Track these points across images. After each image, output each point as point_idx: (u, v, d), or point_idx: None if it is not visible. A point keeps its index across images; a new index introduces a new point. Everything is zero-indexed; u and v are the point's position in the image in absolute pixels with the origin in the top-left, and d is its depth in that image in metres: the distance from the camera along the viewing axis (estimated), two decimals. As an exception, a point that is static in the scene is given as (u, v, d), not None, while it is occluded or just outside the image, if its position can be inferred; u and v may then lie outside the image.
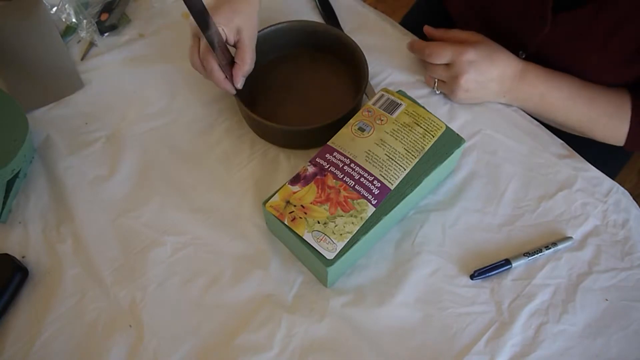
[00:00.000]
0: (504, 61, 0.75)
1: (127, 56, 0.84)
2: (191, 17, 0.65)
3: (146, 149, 0.76)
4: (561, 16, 0.73)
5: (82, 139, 0.77)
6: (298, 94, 0.79)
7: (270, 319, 0.65)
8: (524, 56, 0.80)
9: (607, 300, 0.67)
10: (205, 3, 0.64)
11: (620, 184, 0.74)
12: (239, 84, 0.71)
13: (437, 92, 0.79)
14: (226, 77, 0.71)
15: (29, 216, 0.71)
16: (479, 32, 0.78)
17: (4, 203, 0.70)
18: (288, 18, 0.80)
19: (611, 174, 0.76)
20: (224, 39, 0.69)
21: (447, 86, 0.78)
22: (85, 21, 0.83)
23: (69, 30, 0.85)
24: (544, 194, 0.73)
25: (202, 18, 0.64)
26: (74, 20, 0.84)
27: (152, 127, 0.78)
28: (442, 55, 0.75)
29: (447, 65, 0.76)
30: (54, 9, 0.84)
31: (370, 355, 0.64)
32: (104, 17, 0.85)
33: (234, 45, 0.71)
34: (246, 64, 0.71)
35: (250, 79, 0.79)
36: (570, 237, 0.69)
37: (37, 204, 0.72)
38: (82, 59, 0.83)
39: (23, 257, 0.69)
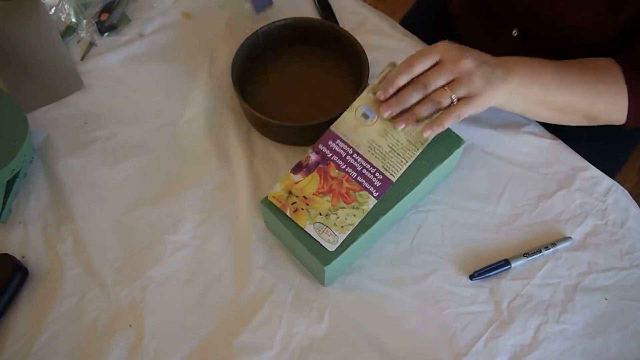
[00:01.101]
0: (481, 52, 0.68)
1: (127, 56, 0.84)
2: None
3: (146, 148, 0.76)
4: None
5: (82, 139, 0.77)
6: (299, 91, 0.79)
7: (270, 319, 0.66)
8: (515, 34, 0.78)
9: (606, 299, 0.67)
10: None
11: (620, 184, 0.74)
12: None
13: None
14: None
15: (29, 216, 0.71)
16: (474, 23, 0.75)
17: (4, 203, 0.71)
18: (289, 15, 0.80)
19: (611, 173, 0.76)
20: None
21: (466, 103, 0.65)
22: (85, 21, 0.83)
23: (69, 30, 0.85)
24: (543, 193, 0.73)
25: None
26: (73, 20, 0.84)
27: (152, 127, 0.78)
28: (425, 55, 0.65)
29: (437, 63, 0.66)
30: (53, 9, 0.84)
31: (370, 355, 0.64)
32: (103, 17, 0.85)
33: None
34: None
35: (250, 76, 0.79)
36: (570, 237, 0.70)
37: (37, 204, 0.72)
38: (82, 59, 0.83)
39: (23, 257, 0.69)
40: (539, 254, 0.68)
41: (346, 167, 0.65)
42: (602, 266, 0.69)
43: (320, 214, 0.62)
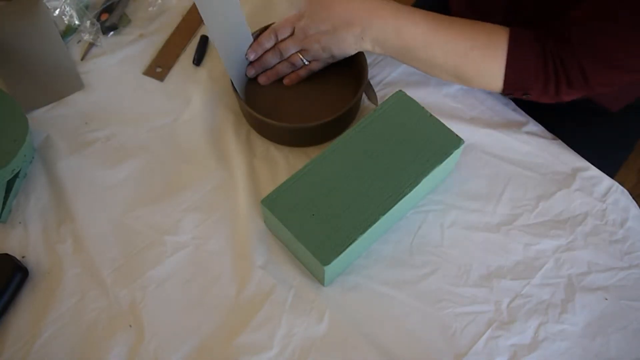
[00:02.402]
0: (337, 9, 0.72)
1: (127, 56, 0.84)
2: None
3: (146, 148, 0.76)
4: None
5: (82, 139, 0.77)
6: (298, 92, 0.79)
7: (270, 319, 0.66)
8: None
9: (606, 299, 0.67)
10: None
11: (620, 184, 0.74)
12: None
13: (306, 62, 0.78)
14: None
15: (29, 216, 0.71)
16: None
17: (4, 203, 0.71)
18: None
19: (610, 173, 0.76)
20: None
21: (318, 49, 0.75)
22: (89, 22, 0.83)
23: (69, 31, 0.85)
24: (543, 193, 0.73)
25: None
26: (77, 22, 0.84)
27: (151, 127, 0.78)
28: (283, 27, 0.76)
29: (291, 35, 0.76)
30: (57, 11, 0.85)
31: (370, 355, 0.64)
32: (104, 17, 0.85)
33: None
34: None
35: (249, 77, 0.79)
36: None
37: (37, 204, 0.72)
38: (82, 59, 0.83)
39: (23, 257, 0.69)
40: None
41: None
42: (602, 266, 0.69)
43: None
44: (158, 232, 0.70)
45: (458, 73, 0.72)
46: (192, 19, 0.87)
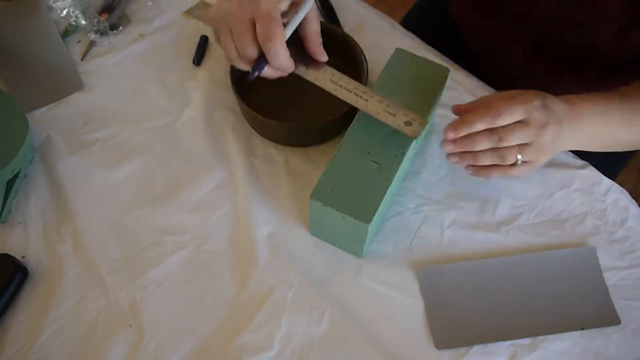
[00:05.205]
0: (556, 98, 0.63)
1: (127, 56, 0.84)
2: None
3: (146, 148, 0.76)
4: None
5: (82, 139, 0.77)
6: (298, 92, 0.79)
7: (270, 319, 0.66)
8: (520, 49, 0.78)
9: (606, 299, 0.67)
10: None
11: (620, 184, 0.74)
12: (324, 56, 0.67)
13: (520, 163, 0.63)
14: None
15: (29, 216, 0.71)
16: (480, 25, 0.73)
17: (4, 203, 0.71)
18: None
19: (611, 173, 0.76)
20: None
21: (528, 150, 0.63)
22: (95, 20, 0.83)
23: (69, 31, 0.85)
24: (543, 193, 0.73)
25: None
26: (83, 22, 0.84)
27: (152, 127, 0.78)
28: (514, 109, 0.60)
29: (520, 122, 0.61)
30: (64, 12, 0.85)
31: (370, 355, 0.64)
32: (104, 17, 0.85)
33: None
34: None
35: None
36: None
37: (37, 204, 0.72)
38: (82, 59, 0.83)
39: (23, 257, 0.69)
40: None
41: None
42: (602, 266, 0.69)
43: None
44: (158, 232, 0.70)
45: None
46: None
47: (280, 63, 0.62)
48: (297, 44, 0.66)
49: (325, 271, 0.68)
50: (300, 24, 0.64)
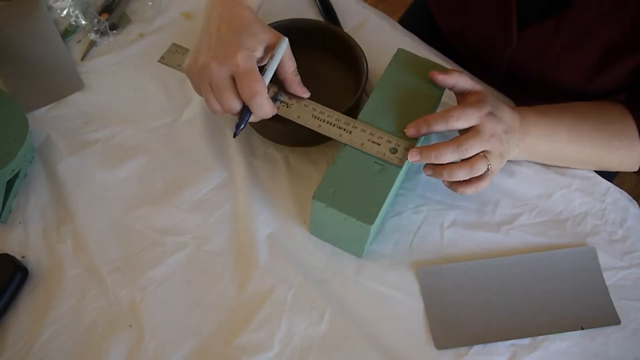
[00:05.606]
0: (507, 110, 0.67)
1: (127, 56, 0.84)
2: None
3: (146, 148, 0.76)
4: (527, 31, 0.75)
5: (82, 139, 0.77)
6: None
7: (270, 319, 0.66)
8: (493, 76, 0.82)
9: (606, 299, 0.67)
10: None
11: (620, 185, 0.74)
12: (306, 93, 0.68)
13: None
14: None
15: (29, 216, 0.71)
16: (460, 54, 0.78)
17: (4, 203, 0.71)
18: (288, 16, 0.80)
19: (611, 174, 0.76)
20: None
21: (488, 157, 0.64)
22: (95, 20, 0.83)
23: (69, 31, 0.85)
24: (543, 193, 0.73)
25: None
26: (83, 22, 0.84)
27: (152, 127, 0.78)
28: (468, 113, 0.63)
29: (474, 128, 0.63)
30: (65, 12, 0.85)
31: (370, 355, 0.64)
32: (104, 17, 0.85)
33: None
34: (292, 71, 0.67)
35: None
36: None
37: (37, 204, 0.72)
38: (82, 59, 0.83)
39: (23, 257, 0.69)
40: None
41: None
42: (601, 266, 0.69)
43: None
44: (158, 232, 0.70)
45: (600, 165, 0.74)
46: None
47: (265, 113, 0.64)
48: (274, 79, 0.67)
49: (325, 271, 0.68)
50: (277, 67, 0.65)
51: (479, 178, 0.65)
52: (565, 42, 0.73)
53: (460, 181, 0.66)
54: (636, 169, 0.74)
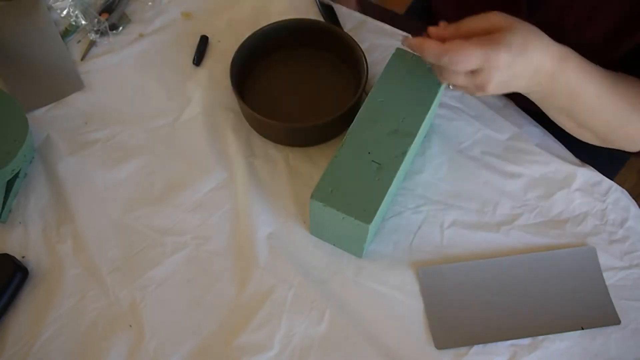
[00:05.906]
0: (541, 52, 0.59)
1: (127, 56, 0.84)
2: None
3: (146, 148, 0.76)
4: None
5: (82, 139, 0.77)
6: (298, 92, 0.79)
7: (270, 319, 0.66)
8: None
9: (606, 299, 0.67)
10: None
11: (620, 184, 0.74)
12: None
13: (451, 88, 0.64)
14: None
15: (29, 216, 0.71)
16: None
17: (4, 203, 0.71)
18: (288, 16, 0.80)
19: (611, 173, 0.76)
20: None
21: (468, 89, 0.62)
22: (95, 20, 0.83)
23: (69, 31, 0.85)
24: (543, 193, 0.73)
25: None
26: (83, 22, 0.84)
27: (152, 127, 0.78)
28: (468, 61, 0.57)
29: (471, 71, 0.59)
30: (65, 12, 0.85)
31: (370, 355, 0.64)
32: (104, 17, 0.85)
33: None
34: None
35: (250, 77, 0.79)
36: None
37: (37, 204, 0.72)
38: (82, 59, 0.83)
39: (23, 257, 0.69)
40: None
41: None
42: (602, 266, 0.69)
43: None
44: (158, 232, 0.70)
45: (605, 137, 0.70)
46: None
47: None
48: None
49: (325, 271, 0.68)
50: None
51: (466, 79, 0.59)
52: (585, 6, 0.67)
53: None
54: (636, 150, 0.72)
